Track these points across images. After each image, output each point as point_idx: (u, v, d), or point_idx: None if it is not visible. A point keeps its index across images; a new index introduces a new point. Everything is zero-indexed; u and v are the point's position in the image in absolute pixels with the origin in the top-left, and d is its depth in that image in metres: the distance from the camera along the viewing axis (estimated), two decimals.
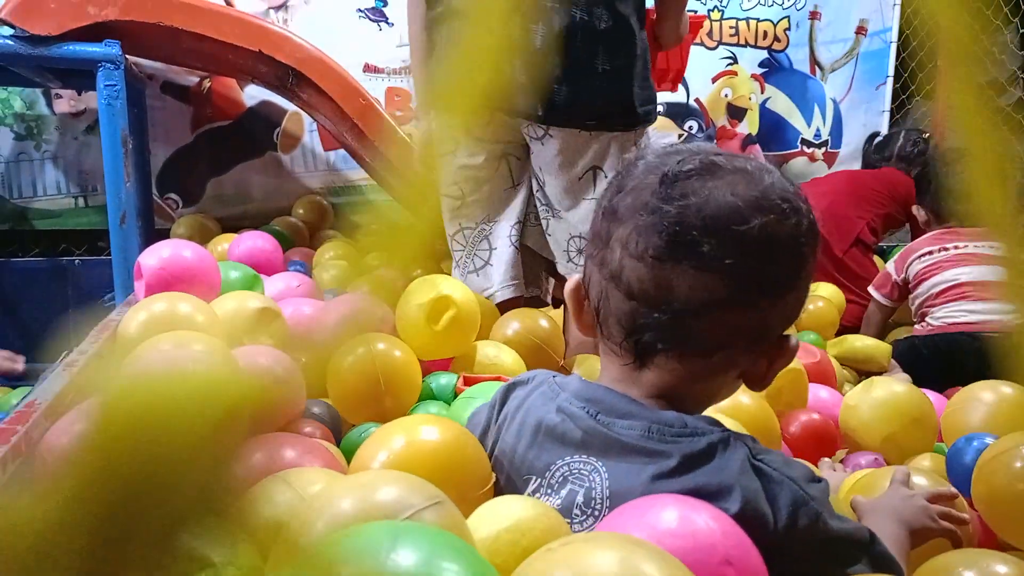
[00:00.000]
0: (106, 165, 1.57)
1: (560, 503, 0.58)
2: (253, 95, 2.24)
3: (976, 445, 0.83)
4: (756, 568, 0.47)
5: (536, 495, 0.60)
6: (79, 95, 2.14)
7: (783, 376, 0.96)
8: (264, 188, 2.29)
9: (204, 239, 1.85)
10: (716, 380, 0.60)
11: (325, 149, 2.32)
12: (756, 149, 2.65)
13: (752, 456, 0.55)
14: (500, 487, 0.64)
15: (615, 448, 0.57)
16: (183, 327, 0.90)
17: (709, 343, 0.57)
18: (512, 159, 1.33)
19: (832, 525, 0.55)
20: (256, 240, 1.59)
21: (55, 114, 2.15)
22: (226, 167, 2.27)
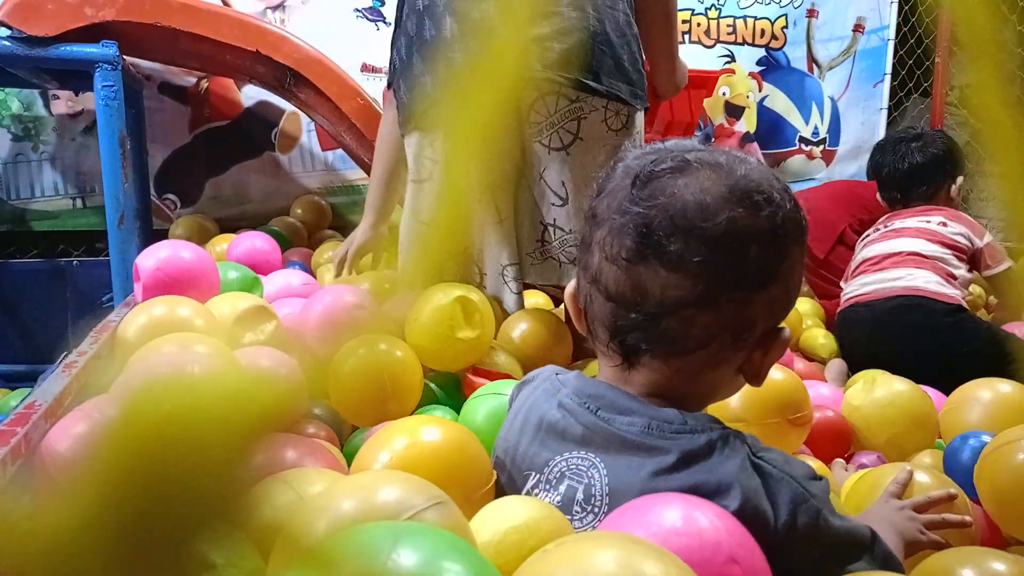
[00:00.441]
0: (104, 166, 1.56)
1: (559, 499, 0.58)
2: (251, 95, 2.23)
3: (973, 443, 0.83)
4: (760, 566, 0.47)
5: (535, 491, 0.60)
6: (77, 96, 2.13)
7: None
8: (262, 188, 2.29)
9: (202, 240, 1.84)
10: (707, 377, 0.59)
11: (323, 149, 2.32)
12: (754, 147, 2.65)
13: (752, 454, 0.55)
14: (501, 484, 0.64)
15: (615, 444, 0.57)
16: (182, 330, 0.90)
17: (690, 341, 0.57)
18: (499, 192, 1.19)
19: (833, 523, 0.55)
20: (254, 240, 1.59)
21: (53, 115, 2.14)
22: (224, 167, 2.27)
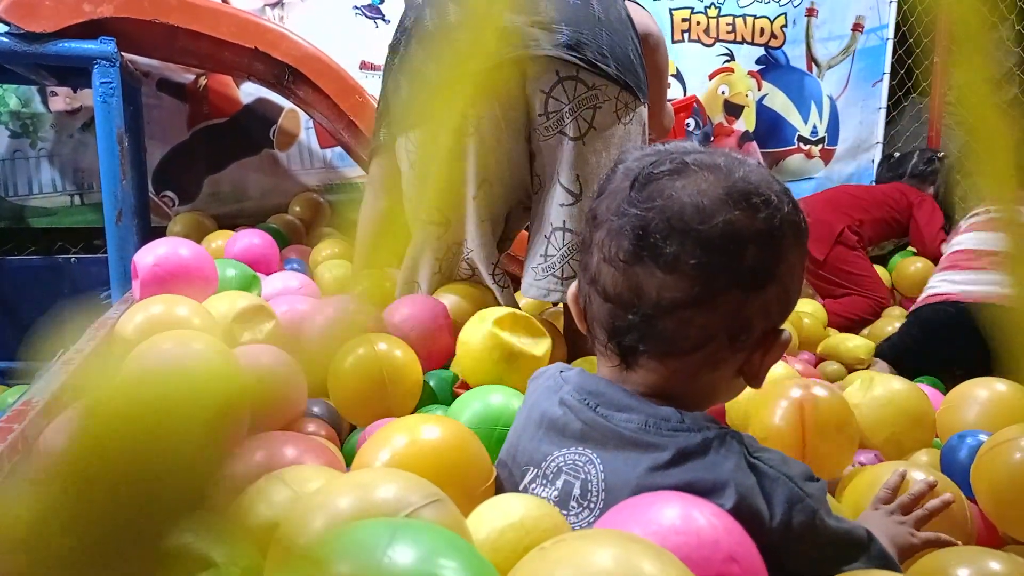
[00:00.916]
0: (102, 163, 1.56)
1: (556, 494, 0.58)
2: (249, 92, 2.23)
3: (970, 442, 0.83)
4: (758, 566, 0.47)
5: (532, 485, 0.61)
6: (75, 93, 2.13)
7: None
8: (260, 186, 2.29)
9: (200, 237, 1.84)
10: (705, 378, 0.59)
11: (322, 146, 2.32)
12: (753, 146, 2.65)
13: (748, 454, 0.55)
14: (502, 481, 0.65)
15: (613, 440, 0.57)
16: (180, 328, 0.90)
17: (686, 343, 0.57)
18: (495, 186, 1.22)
19: (829, 523, 0.55)
20: (252, 238, 1.58)
21: (51, 112, 2.14)
22: (222, 165, 2.26)
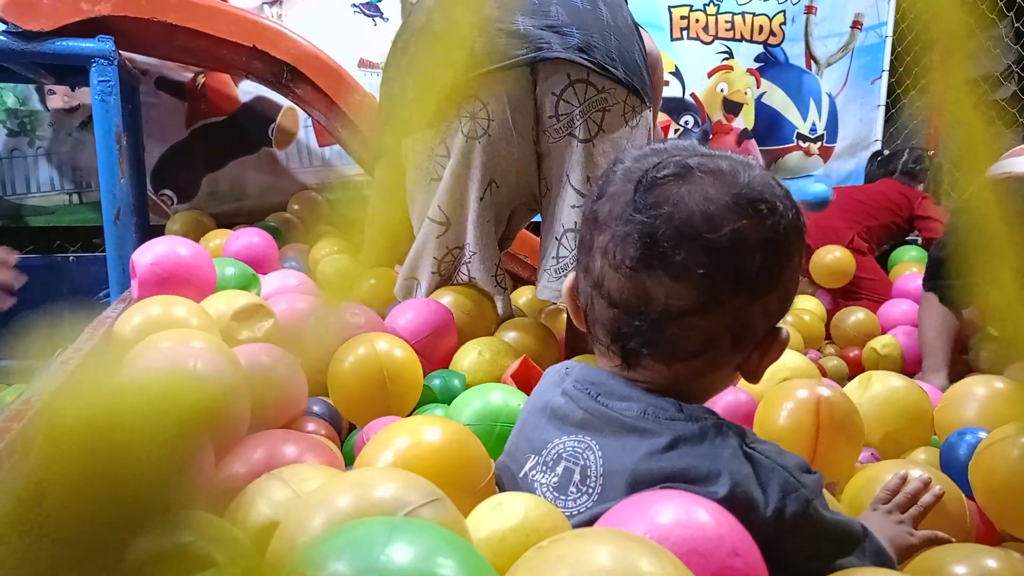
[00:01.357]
0: (100, 161, 1.56)
1: (556, 480, 0.59)
2: (248, 91, 2.23)
3: (969, 439, 0.84)
4: (758, 560, 0.47)
5: (532, 472, 0.62)
6: (73, 91, 2.13)
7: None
8: (259, 184, 2.29)
9: (199, 235, 1.84)
10: (706, 378, 0.61)
11: (320, 145, 2.32)
12: (752, 144, 2.65)
13: (745, 444, 0.56)
14: (502, 474, 0.66)
15: (612, 426, 0.58)
16: (179, 327, 0.89)
17: (692, 347, 0.58)
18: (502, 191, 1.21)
19: (824, 515, 0.56)
20: (251, 236, 1.58)
21: (48, 110, 2.14)
22: (221, 163, 2.26)
